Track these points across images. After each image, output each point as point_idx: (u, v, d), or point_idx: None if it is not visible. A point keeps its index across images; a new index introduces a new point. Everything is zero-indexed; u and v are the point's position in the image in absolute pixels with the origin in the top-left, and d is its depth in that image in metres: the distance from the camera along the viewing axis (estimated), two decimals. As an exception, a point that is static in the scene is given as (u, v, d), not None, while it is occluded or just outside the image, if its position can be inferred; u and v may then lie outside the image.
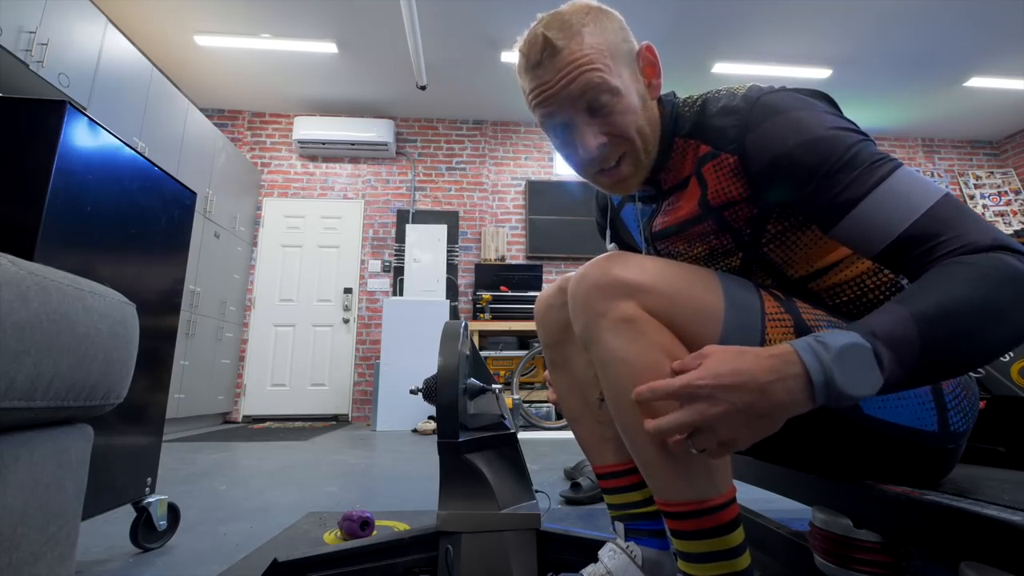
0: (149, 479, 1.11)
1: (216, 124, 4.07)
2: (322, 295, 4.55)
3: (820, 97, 0.63)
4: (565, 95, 0.62)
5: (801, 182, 0.57)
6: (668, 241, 0.74)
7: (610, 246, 0.87)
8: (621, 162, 0.66)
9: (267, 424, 4.03)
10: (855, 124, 0.59)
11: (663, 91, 0.71)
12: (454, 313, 4.39)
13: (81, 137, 0.91)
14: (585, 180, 0.72)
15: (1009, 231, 4.77)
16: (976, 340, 0.45)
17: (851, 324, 0.47)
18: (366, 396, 4.37)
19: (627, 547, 0.74)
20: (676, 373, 0.49)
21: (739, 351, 0.47)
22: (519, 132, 4.98)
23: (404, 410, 3.59)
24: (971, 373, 0.65)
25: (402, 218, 4.69)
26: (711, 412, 0.45)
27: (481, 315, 4.22)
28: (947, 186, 5.04)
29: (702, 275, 0.62)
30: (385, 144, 4.59)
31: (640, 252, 0.82)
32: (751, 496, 1.09)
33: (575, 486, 1.56)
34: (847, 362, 0.44)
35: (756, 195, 0.62)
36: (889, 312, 0.46)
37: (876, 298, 0.66)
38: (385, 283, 4.59)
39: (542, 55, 0.62)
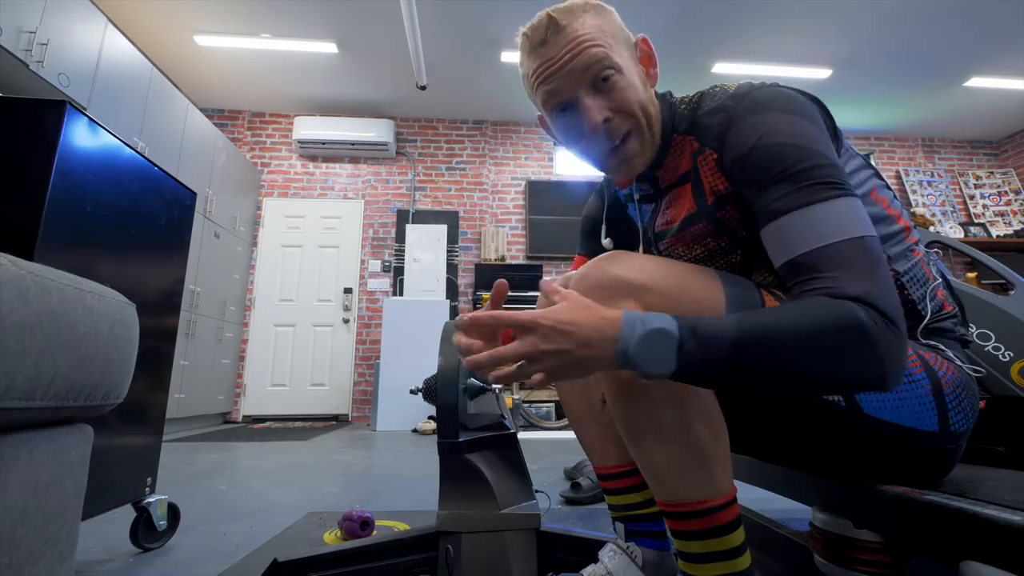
0: (149, 479, 1.11)
1: (216, 124, 4.07)
2: (322, 295, 4.55)
3: (813, 102, 0.63)
4: (569, 69, 0.63)
5: (750, 181, 0.59)
6: (668, 243, 0.74)
7: (606, 241, 0.86)
8: (627, 139, 0.66)
9: (267, 424, 4.03)
10: (828, 141, 0.58)
11: (660, 90, 0.71)
12: (454, 313, 4.39)
13: (81, 137, 0.91)
14: (594, 167, 0.72)
15: (1009, 231, 4.78)
16: (785, 368, 0.47)
17: (690, 317, 0.50)
18: (366, 396, 4.37)
19: (627, 547, 0.74)
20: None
21: (587, 305, 0.51)
22: (519, 132, 4.97)
23: (404, 410, 3.59)
24: (971, 373, 0.65)
25: (402, 218, 4.69)
26: (540, 347, 0.50)
27: (481, 315, 4.21)
28: (947, 186, 5.04)
29: (702, 274, 0.62)
30: (385, 144, 4.59)
31: (638, 252, 0.82)
32: (751, 496, 1.09)
33: (575, 486, 1.56)
34: (651, 342, 0.48)
35: (736, 191, 0.63)
36: (725, 318, 0.50)
37: None
38: (385, 283, 4.59)
39: (547, 33, 0.63)
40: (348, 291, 4.55)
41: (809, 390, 0.49)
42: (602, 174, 0.78)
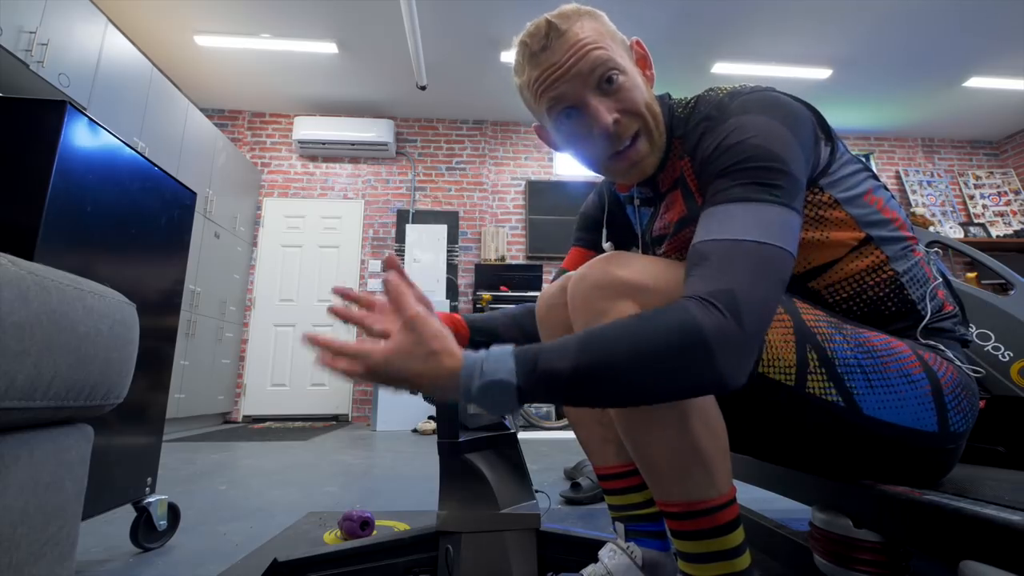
0: (149, 479, 1.11)
1: (216, 124, 4.07)
2: (322, 295, 4.55)
3: (807, 108, 0.63)
4: (575, 72, 0.62)
5: (708, 173, 0.59)
6: (665, 249, 0.74)
7: (606, 245, 0.87)
8: (636, 140, 0.66)
9: (267, 424, 4.02)
10: (797, 151, 0.57)
11: (658, 92, 0.72)
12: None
13: (81, 137, 0.91)
14: (598, 174, 0.72)
15: (1009, 231, 4.78)
16: (621, 390, 0.47)
17: (532, 347, 0.49)
18: (366, 396, 4.37)
19: (627, 547, 0.74)
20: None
21: (430, 351, 0.50)
22: (519, 132, 4.97)
23: (404, 410, 3.59)
24: (971, 373, 0.65)
25: (402, 218, 4.69)
26: (382, 381, 0.51)
27: (481, 315, 4.22)
28: (947, 186, 5.04)
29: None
30: (385, 144, 4.59)
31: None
32: (751, 496, 1.09)
33: (575, 486, 1.56)
34: (489, 393, 0.48)
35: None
36: (565, 346, 0.48)
37: (876, 295, 0.66)
38: (385, 283, 4.59)
39: (548, 38, 0.63)
40: (348, 291, 4.54)
41: (649, 402, 0.50)
42: (599, 178, 0.79)
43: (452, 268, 4.59)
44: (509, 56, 4.21)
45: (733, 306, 0.46)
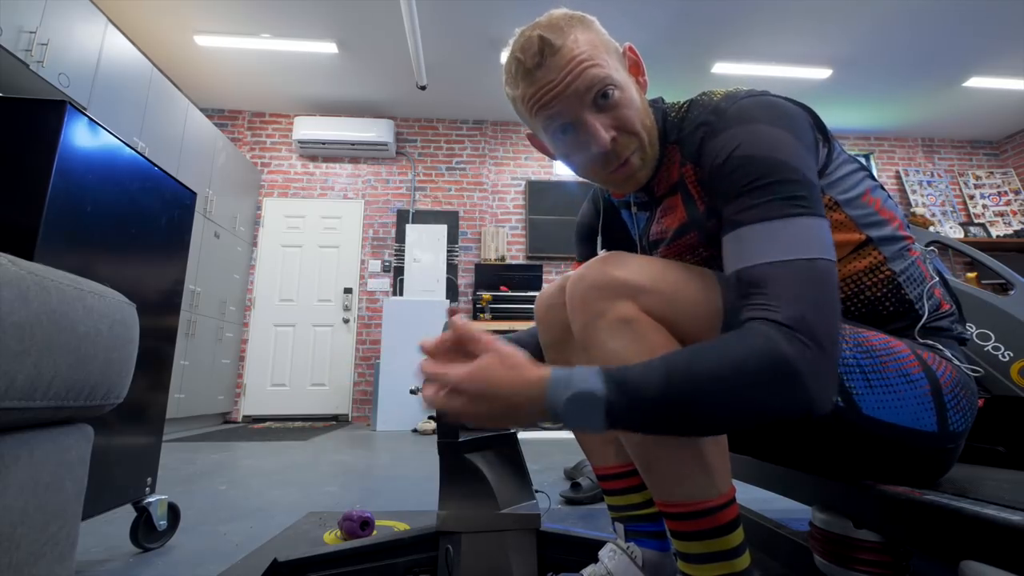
0: (149, 479, 1.11)
1: (216, 124, 4.07)
2: (322, 295, 4.55)
3: (804, 110, 0.63)
4: (572, 92, 0.61)
5: (721, 190, 0.58)
6: (662, 253, 0.74)
7: (602, 252, 0.87)
8: (630, 156, 0.66)
9: (267, 424, 4.03)
10: (807, 156, 0.57)
11: (657, 93, 0.71)
12: (454, 313, 4.39)
13: (81, 137, 0.91)
14: (591, 181, 0.72)
15: (1009, 231, 4.78)
16: (711, 413, 0.48)
17: (617, 367, 0.49)
18: (366, 396, 4.37)
19: (627, 547, 0.74)
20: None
21: (512, 364, 0.50)
22: (519, 132, 4.97)
23: (404, 410, 3.59)
24: (969, 372, 0.65)
25: (402, 218, 4.69)
26: (468, 408, 0.50)
27: (481, 315, 4.22)
28: (947, 186, 5.04)
29: (700, 275, 0.62)
30: (385, 144, 4.59)
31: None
32: (751, 496, 1.09)
33: (575, 486, 1.56)
34: (577, 405, 0.47)
35: (710, 203, 0.63)
36: (653, 366, 0.48)
37: (874, 295, 0.66)
38: (385, 283, 4.59)
39: (542, 55, 0.61)
40: (348, 291, 4.55)
41: (738, 427, 0.50)
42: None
43: (452, 268, 4.59)
44: (509, 56, 4.18)
45: (811, 333, 0.47)
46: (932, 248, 0.79)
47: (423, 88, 3.86)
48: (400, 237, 4.61)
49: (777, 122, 0.58)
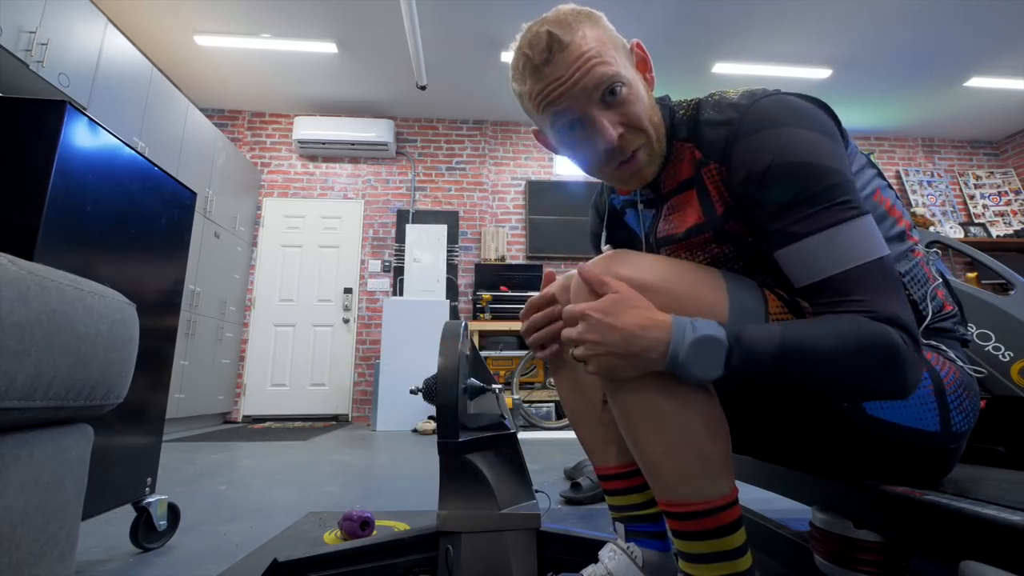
0: (149, 479, 1.11)
1: (216, 124, 4.07)
2: (322, 295, 4.55)
3: (820, 106, 0.62)
4: (580, 88, 0.61)
5: (766, 200, 0.58)
6: (671, 249, 0.73)
7: (605, 247, 0.86)
8: (637, 152, 0.65)
9: (267, 424, 4.02)
10: (843, 155, 0.59)
11: (658, 94, 0.71)
12: (454, 313, 4.39)
13: (81, 137, 0.91)
14: (597, 178, 0.72)
15: (1009, 231, 4.78)
16: (819, 381, 0.53)
17: (740, 325, 0.54)
18: (366, 396, 4.37)
19: (628, 548, 0.74)
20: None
21: (635, 304, 0.55)
22: (519, 132, 4.97)
23: (404, 410, 3.59)
24: (972, 373, 0.65)
25: (402, 218, 4.69)
26: (587, 336, 0.55)
27: (481, 315, 4.22)
28: (947, 186, 5.05)
29: (706, 274, 0.62)
30: (385, 144, 4.59)
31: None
32: (751, 496, 1.09)
33: (575, 486, 1.56)
34: (701, 348, 0.51)
35: (738, 205, 0.63)
36: (768, 328, 0.53)
37: None
38: (385, 283, 4.59)
39: (550, 52, 0.61)
40: (348, 291, 4.55)
41: (836, 399, 0.55)
42: (598, 180, 0.78)
43: (452, 268, 4.59)
44: (509, 56, 4.17)
45: (907, 328, 0.53)
46: (935, 249, 0.79)
47: (423, 88, 3.86)
48: (400, 237, 4.61)
49: (806, 124, 0.59)
